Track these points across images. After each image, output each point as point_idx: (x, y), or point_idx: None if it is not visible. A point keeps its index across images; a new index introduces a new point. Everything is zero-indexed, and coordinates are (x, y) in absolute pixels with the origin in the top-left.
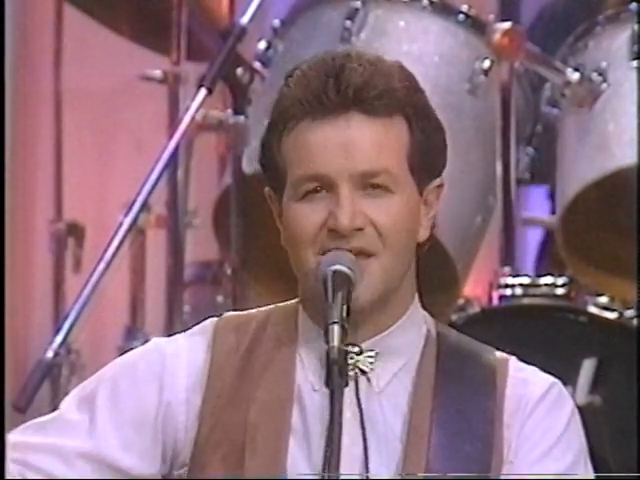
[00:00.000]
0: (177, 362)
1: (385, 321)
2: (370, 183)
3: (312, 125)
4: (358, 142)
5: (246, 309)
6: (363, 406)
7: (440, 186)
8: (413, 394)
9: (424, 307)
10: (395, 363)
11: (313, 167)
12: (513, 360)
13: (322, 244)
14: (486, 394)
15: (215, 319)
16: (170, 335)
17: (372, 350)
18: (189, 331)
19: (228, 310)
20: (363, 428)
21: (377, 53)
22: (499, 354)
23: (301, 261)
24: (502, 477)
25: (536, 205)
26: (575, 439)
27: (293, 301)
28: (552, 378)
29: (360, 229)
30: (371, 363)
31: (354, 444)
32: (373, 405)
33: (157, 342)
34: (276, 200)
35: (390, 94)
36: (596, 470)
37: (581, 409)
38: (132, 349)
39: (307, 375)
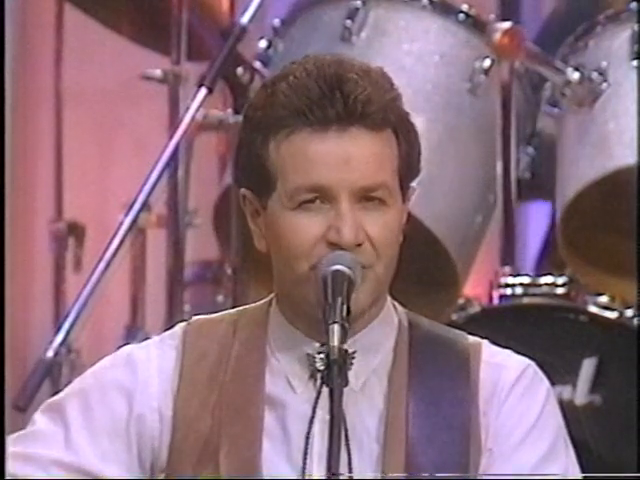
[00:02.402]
0: (148, 370)
1: (367, 320)
2: (367, 196)
3: (313, 136)
4: (359, 156)
5: None
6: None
7: (414, 190)
8: (388, 389)
9: (424, 307)
10: (373, 359)
11: (313, 178)
12: (486, 344)
13: (319, 256)
14: (460, 381)
15: (184, 324)
16: None
17: (351, 349)
18: (159, 337)
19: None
20: (346, 429)
21: (378, 52)
22: (472, 339)
23: (292, 269)
24: (488, 477)
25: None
26: (552, 420)
27: (260, 303)
28: (526, 360)
29: (360, 244)
30: (352, 364)
31: None
32: (350, 406)
33: (127, 350)
34: (256, 203)
35: (386, 108)
36: (596, 470)
37: (581, 409)
38: None
39: (286, 377)
